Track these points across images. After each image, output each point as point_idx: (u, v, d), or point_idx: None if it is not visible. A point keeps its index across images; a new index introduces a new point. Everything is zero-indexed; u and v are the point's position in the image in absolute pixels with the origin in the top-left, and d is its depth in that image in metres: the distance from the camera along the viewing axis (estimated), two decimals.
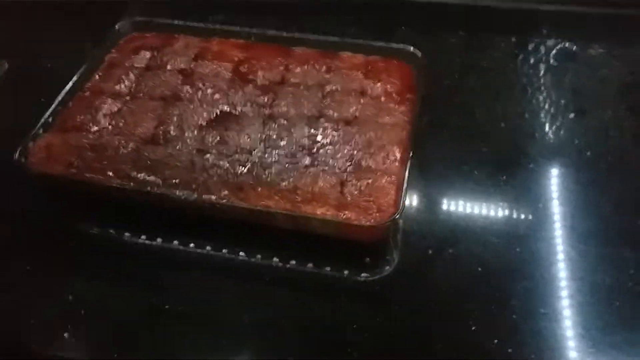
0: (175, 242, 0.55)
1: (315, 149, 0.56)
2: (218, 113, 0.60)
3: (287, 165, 0.55)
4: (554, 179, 0.58)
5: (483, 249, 0.52)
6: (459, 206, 0.56)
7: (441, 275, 0.51)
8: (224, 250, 0.54)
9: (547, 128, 0.63)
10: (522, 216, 0.55)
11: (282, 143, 0.57)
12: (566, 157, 0.60)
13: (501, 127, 0.63)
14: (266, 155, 0.56)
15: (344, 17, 0.80)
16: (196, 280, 0.53)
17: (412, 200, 0.56)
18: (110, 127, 0.59)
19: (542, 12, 0.79)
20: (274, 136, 0.58)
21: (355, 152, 0.56)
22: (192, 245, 0.54)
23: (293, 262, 0.53)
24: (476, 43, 0.76)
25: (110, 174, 0.55)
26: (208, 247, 0.54)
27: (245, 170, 0.54)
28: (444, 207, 0.56)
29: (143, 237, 0.55)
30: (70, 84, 0.63)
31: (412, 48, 0.65)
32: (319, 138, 0.57)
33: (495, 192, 0.57)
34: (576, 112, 0.65)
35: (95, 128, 0.59)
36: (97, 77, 0.66)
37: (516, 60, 0.73)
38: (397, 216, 0.49)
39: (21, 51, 0.77)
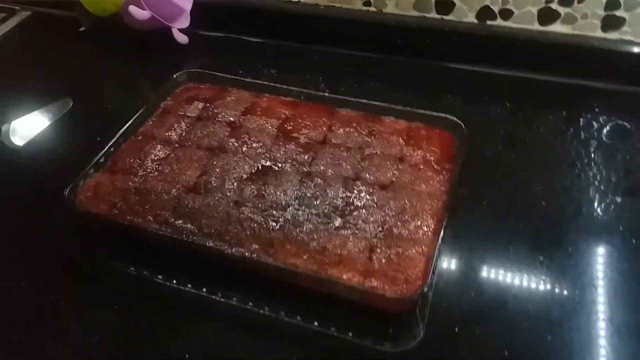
0: (204, 289, 0.56)
1: (348, 211, 0.57)
2: (259, 167, 0.62)
3: (318, 224, 0.55)
4: (595, 265, 0.55)
5: (512, 332, 0.50)
6: (490, 284, 0.54)
7: (466, 355, 0.49)
8: (249, 304, 0.54)
9: (591, 209, 0.61)
10: (557, 302, 0.52)
11: (316, 202, 0.58)
12: (610, 243, 0.57)
13: (542, 205, 0.61)
14: (299, 213, 0.57)
15: (390, 80, 0.82)
16: (219, 331, 0.53)
17: (442, 273, 0.55)
18: (156, 172, 0.62)
19: (595, 88, 0.78)
20: (309, 194, 0.59)
21: (387, 218, 0.56)
22: (219, 294, 0.55)
23: (315, 323, 0.52)
24: (522, 115, 0.75)
25: (150, 218, 0.57)
26: (235, 299, 0.55)
27: (277, 227, 0.55)
28: (475, 283, 0.54)
29: (174, 281, 0.57)
30: (125, 127, 0.67)
31: (454, 118, 0.65)
32: (352, 200, 0.58)
33: (530, 273, 0.55)
34: (625, 194, 0.63)
35: (142, 172, 0.62)
36: (150, 122, 0.70)
37: (564, 136, 0.71)
38: (425, 290, 0.48)
39: (86, 92, 0.83)
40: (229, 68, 0.81)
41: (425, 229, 0.54)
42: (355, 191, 0.59)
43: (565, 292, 0.53)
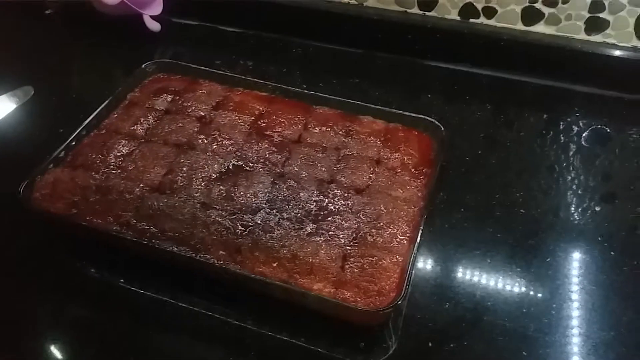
0: (168, 296, 0.53)
1: (321, 216, 0.54)
2: (230, 167, 0.59)
3: (289, 230, 0.53)
4: (573, 277, 0.54)
5: (487, 347, 0.48)
6: (467, 296, 0.52)
7: None
8: (215, 311, 0.52)
9: (569, 218, 0.60)
10: (533, 315, 0.51)
11: (288, 206, 0.55)
12: (588, 253, 0.56)
13: (520, 213, 0.60)
14: (270, 218, 0.54)
15: (370, 78, 0.79)
16: (182, 340, 0.51)
17: (417, 283, 0.53)
18: (119, 169, 0.59)
19: (577, 92, 0.77)
20: (281, 197, 0.56)
21: (362, 224, 0.53)
22: (183, 301, 0.52)
23: (285, 334, 0.50)
24: (503, 118, 0.74)
25: (111, 219, 0.54)
26: (199, 307, 0.52)
27: (246, 232, 0.53)
28: (451, 295, 0.52)
29: (136, 285, 0.54)
30: (88, 119, 0.64)
31: (434, 120, 0.63)
32: (326, 204, 0.55)
33: (506, 285, 0.53)
34: (603, 201, 0.62)
35: (104, 169, 0.59)
36: (115, 115, 0.66)
37: (544, 139, 0.70)
38: (398, 302, 0.46)
39: (49, 79, 0.78)
40: (202, 58, 0.77)
41: (401, 237, 0.52)
42: (330, 195, 0.56)
43: (542, 306, 0.51)
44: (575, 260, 0.56)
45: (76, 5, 0.86)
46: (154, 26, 0.85)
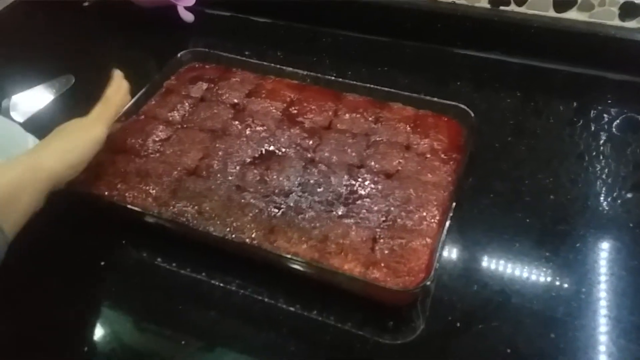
0: (203, 274, 0.55)
1: (351, 200, 0.56)
2: (263, 152, 0.61)
3: (321, 212, 0.54)
4: (602, 262, 0.54)
5: (515, 329, 0.49)
6: (494, 278, 0.53)
7: (466, 352, 0.48)
8: (248, 290, 0.54)
9: (600, 205, 0.60)
10: (562, 299, 0.51)
11: (319, 189, 0.57)
12: (618, 239, 0.56)
13: (549, 199, 0.60)
14: (302, 200, 0.56)
15: (399, 66, 0.80)
16: (216, 317, 0.53)
17: (445, 265, 0.54)
18: (157, 153, 0.61)
19: (609, 79, 0.76)
20: (312, 181, 0.57)
21: (392, 208, 0.55)
22: (217, 279, 0.54)
23: (314, 312, 0.51)
24: (533, 105, 0.73)
25: (150, 200, 0.56)
26: (233, 285, 0.54)
27: (279, 213, 0.54)
28: (479, 277, 0.53)
29: (173, 264, 0.56)
30: (127, 106, 0.66)
31: (464, 106, 0.64)
32: (356, 188, 0.57)
33: (535, 269, 0.54)
34: (635, 189, 0.61)
35: (144, 153, 0.61)
36: (153, 102, 0.68)
37: (574, 127, 0.70)
38: (427, 283, 0.47)
39: (89, 68, 0.81)
40: (234, 48, 0.79)
41: (431, 220, 0.53)
42: (360, 179, 0.57)
43: (571, 290, 0.52)
44: (605, 246, 0.56)
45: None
46: (188, 17, 0.87)
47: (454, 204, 0.53)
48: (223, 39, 0.87)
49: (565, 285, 0.52)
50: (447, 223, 0.51)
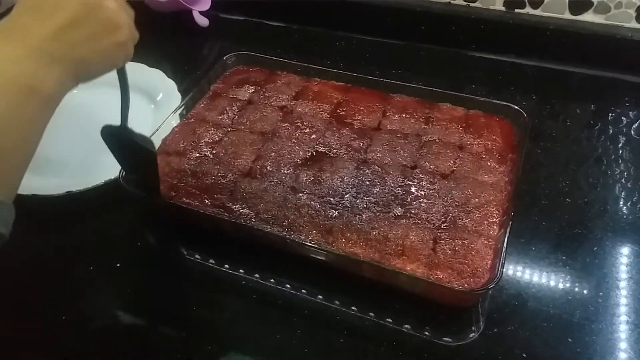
0: (257, 275, 0.55)
1: (408, 200, 0.55)
2: (314, 153, 0.61)
3: (378, 213, 0.54)
4: (620, 266, 0.52)
5: (531, 333, 0.48)
6: (510, 282, 0.51)
7: (482, 356, 0.47)
8: (303, 291, 0.53)
9: (618, 208, 0.58)
10: (579, 303, 0.50)
11: (375, 190, 0.56)
12: (637, 244, 0.54)
13: (566, 202, 0.58)
14: (358, 201, 0.55)
15: (413, 69, 0.79)
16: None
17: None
18: (211, 155, 0.61)
19: (627, 82, 0.74)
20: (367, 182, 0.57)
21: (450, 208, 0.54)
22: (272, 281, 0.54)
23: (371, 314, 0.51)
24: (549, 108, 0.72)
25: (207, 201, 0.56)
26: (288, 286, 0.54)
27: (336, 214, 0.54)
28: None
29: (226, 266, 0.56)
30: (176, 109, 0.67)
31: (517, 107, 0.63)
32: (412, 189, 0.56)
33: (552, 272, 0.52)
34: None
35: (197, 154, 0.62)
36: (202, 105, 0.69)
37: (592, 130, 0.68)
38: (494, 284, 0.46)
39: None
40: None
41: (492, 221, 0.52)
42: (415, 180, 0.57)
43: (589, 294, 0.50)
44: (624, 250, 0.54)
45: (130, 4, 0.89)
46: (203, 21, 0.87)
47: (513, 204, 0.53)
48: (238, 43, 0.87)
49: (583, 289, 0.51)
50: (510, 223, 0.50)
